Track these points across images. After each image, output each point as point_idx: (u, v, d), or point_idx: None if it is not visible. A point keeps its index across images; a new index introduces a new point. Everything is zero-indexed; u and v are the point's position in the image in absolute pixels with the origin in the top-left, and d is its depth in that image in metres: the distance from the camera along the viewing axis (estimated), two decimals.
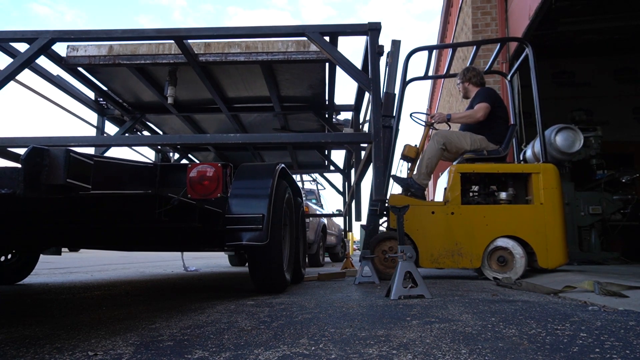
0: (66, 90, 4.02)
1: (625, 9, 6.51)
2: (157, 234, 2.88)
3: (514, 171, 3.89)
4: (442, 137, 3.95)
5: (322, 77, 3.95)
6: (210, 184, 2.07)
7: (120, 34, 2.83)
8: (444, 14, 9.94)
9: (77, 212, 2.02)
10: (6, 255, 3.50)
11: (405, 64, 4.16)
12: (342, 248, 9.97)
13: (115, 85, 4.11)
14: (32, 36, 2.80)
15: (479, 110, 3.94)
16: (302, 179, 9.04)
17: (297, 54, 3.41)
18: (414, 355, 1.15)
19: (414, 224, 3.71)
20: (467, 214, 3.72)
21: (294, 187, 3.40)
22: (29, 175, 1.19)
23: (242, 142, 3.41)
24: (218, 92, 4.08)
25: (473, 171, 3.88)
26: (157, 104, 4.38)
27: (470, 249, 3.66)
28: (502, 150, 3.95)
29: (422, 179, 3.92)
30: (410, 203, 3.68)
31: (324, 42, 2.80)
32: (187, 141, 3.99)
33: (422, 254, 3.69)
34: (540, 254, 3.59)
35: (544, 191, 3.70)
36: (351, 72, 2.87)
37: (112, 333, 1.51)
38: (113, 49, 3.48)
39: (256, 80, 3.96)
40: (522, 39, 4.49)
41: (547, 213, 3.66)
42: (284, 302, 2.28)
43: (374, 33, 2.80)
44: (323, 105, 4.56)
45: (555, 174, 3.77)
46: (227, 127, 5.12)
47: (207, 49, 3.43)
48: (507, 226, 3.67)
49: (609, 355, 1.13)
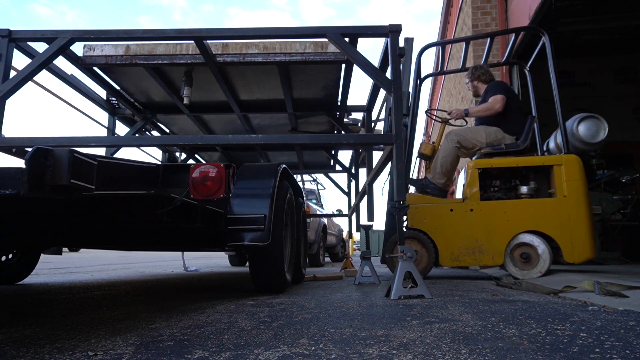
0: (79, 90, 4.01)
1: (625, 9, 6.50)
2: (159, 234, 2.88)
3: (535, 164, 3.76)
4: (456, 135, 3.91)
5: (337, 78, 3.95)
6: (213, 185, 2.07)
7: (141, 34, 2.82)
8: (444, 14, 9.94)
9: (81, 212, 2.03)
10: (6, 255, 3.50)
11: (418, 61, 4.10)
12: (342, 248, 9.98)
13: (128, 85, 4.10)
14: (51, 36, 2.78)
15: (496, 102, 3.88)
16: (303, 179, 9.05)
17: (314, 55, 3.40)
18: (414, 355, 1.15)
19: (432, 223, 3.65)
20: (487, 210, 3.65)
21: (295, 187, 3.41)
22: (33, 175, 1.19)
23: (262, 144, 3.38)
24: (231, 94, 4.08)
25: (491, 166, 3.78)
26: (168, 103, 4.38)
27: (492, 245, 3.57)
28: (520, 143, 3.84)
29: (437, 179, 3.89)
30: (428, 201, 3.65)
31: (344, 43, 2.80)
32: (207, 142, 3.95)
33: (442, 252, 3.63)
34: (565, 248, 3.48)
35: (567, 183, 3.57)
36: (372, 74, 2.86)
37: (112, 333, 1.51)
38: (130, 49, 3.47)
39: (270, 82, 3.96)
40: (536, 27, 4.39)
41: (571, 206, 3.54)
42: (284, 302, 2.28)
43: (394, 35, 2.80)
44: (335, 106, 4.56)
45: (579, 165, 3.64)
46: (236, 128, 5.11)
47: (225, 49, 3.42)
48: (529, 221, 3.57)
49: (609, 355, 1.13)
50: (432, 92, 14.29)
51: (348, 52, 2.81)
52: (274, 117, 4.83)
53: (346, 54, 2.85)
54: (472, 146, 3.92)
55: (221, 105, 4.44)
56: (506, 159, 3.79)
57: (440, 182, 3.89)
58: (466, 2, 7.22)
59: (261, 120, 4.95)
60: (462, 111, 4.02)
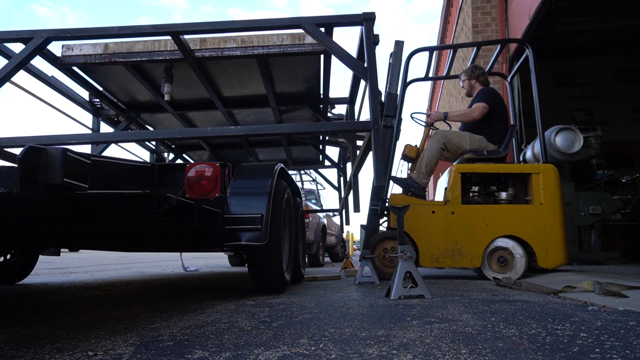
0: (61, 91, 4.01)
1: (625, 9, 6.51)
2: (155, 234, 2.88)
3: (514, 171, 3.90)
4: (442, 136, 3.95)
5: (317, 70, 3.97)
6: (209, 184, 2.07)
7: (117, 31, 2.83)
8: (444, 14, 9.94)
9: (75, 212, 2.02)
10: (6, 255, 3.50)
11: (406, 65, 4.16)
12: (342, 248, 9.98)
13: (110, 85, 4.12)
14: (27, 36, 2.79)
15: (476, 109, 3.96)
16: (302, 179, 9.04)
17: (292, 47, 3.42)
18: (414, 355, 1.15)
19: (414, 224, 3.71)
20: (467, 214, 3.73)
21: (293, 187, 3.40)
22: (26, 174, 1.19)
23: (242, 135, 3.39)
24: (214, 90, 4.08)
25: (473, 171, 3.89)
26: (152, 103, 4.38)
27: (471, 248, 3.66)
28: (502, 151, 3.96)
29: (421, 179, 3.93)
30: (411, 203, 3.68)
31: (319, 33, 2.82)
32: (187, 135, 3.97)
33: (422, 253, 3.69)
34: (540, 254, 3.59)
35: (544, 191, 3.70)
36: (347, 62, 2.89)
37: (112, 333, 1.51)
38: (109, 47, 3.48)
39: (251, 77, 3.97)
40: (522, 40, 4.50)
41: (547, 213, 3.66)
42: (283, 302, 2.28)
43: (369, 23, 2.83)
44: (318, 99, 4.58)
45: (555, 174, 3.77)
46: (220, 125, 5.14)
47: (203, 44, 3.44)
48: (507, 226, 3.67)
49: (609, 355, 1.13)
50: (432, 92, 14.30)
51: (323, 41, 2.83)
52: (258, 112, 4.85)
53: (322, 44, 2.87)
54: (456, 149, 3.97)
55: (205, 102, 4.46)
56: (487, 165, 3.89)
57: (425, 181, 3.93)
58: (466, 2, 7.22)
59: (245, 116, 4.97)
60: (442, 114, 4.07)
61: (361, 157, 4.10)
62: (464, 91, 4.41)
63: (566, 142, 5.32)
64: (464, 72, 4.36)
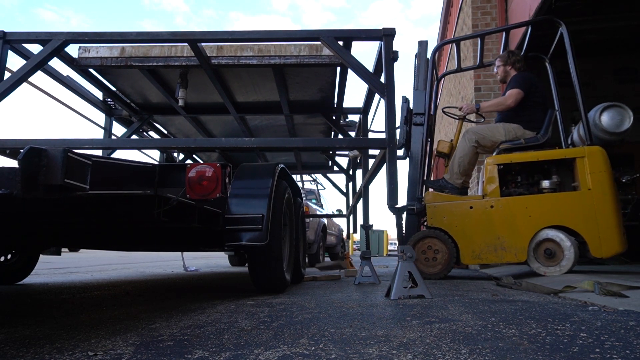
0: (76, 91, 4.01)
1: (625, 9, 6.50)
2: (156, 234, 2.88)
3: (556, 157, 3.67)
4: (473, 133, 3.84)
5: (332, 81, 3.94)
6: (209, 184, 2.07)
7: (135, 37, 2.82)
8: (443, 14, 9.94)
9: (76, 213, 2.02)
10: (6, 255, 3.50)
11: (432, 60, 4.04)
12: (341, 248, 9.98)
13: (124, 86, 4.11)
14: (45, 37, 2.79)
15: (509, 97, 3.79)
16: (302, 179, 9.05)
17: (309, 58, 3.40)
18: (414, 355, 1.15)
19: (452, 221, 3.62)
20: (507, 206, 3.58)
21: (293, 187, 3.40)
22: (27, 175, 1.19)
23: (256, 147, 3.35)
24: (227, 95, 4.07)
25: (511, 161, 3.71)
26: (165, 105, 4.38)
27: (514, 242, 3.50)
28: (540, 137, 3.75)
29: (455, 179, 3.84)
30: (447, 200, 3.63)
31: (338, 47, 2.79)
32: (200, 145, 3.95)
33: (463, 251, 3.60)
34: (592, 243, 3.39)
35: (591, 176, 3.47)
36: (365, 77, 2.85)
37: (112, 333, 1.51)
38: (125, 50, 3.47)
39: (266, 84, 3.95)
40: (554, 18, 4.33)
41: (597, 199, 3.43)
42: (284, 302, 2.28)
43: (388, 39, 2.78)
44: (331, 108, 4.57)
45: (603, 156, 3.54)
46: (233, 129, 5.13)
47: (220, 51, 3.42)
48: (552, 216, 3.49)
49: (609, 355, 1.13)
50: None
51: (341, 55, 2.79)
52: (270, 118, 4.84)
53: (340, 58, 2.84)
54: (492, 144, 3.83)
55: (218, 106, 4.45)
56: (526, 153, 3.71)
57: (458, 182, 3.84)
58: (466, 2, 7.22)
59: (258, 121, 4.95)
60: (474, 106, 3.95)
61: (374, 170, 4.08)
62: (466, 91, 4.37)
63: (613, 121, 4.77)
64: (499, 57, 4.18)
